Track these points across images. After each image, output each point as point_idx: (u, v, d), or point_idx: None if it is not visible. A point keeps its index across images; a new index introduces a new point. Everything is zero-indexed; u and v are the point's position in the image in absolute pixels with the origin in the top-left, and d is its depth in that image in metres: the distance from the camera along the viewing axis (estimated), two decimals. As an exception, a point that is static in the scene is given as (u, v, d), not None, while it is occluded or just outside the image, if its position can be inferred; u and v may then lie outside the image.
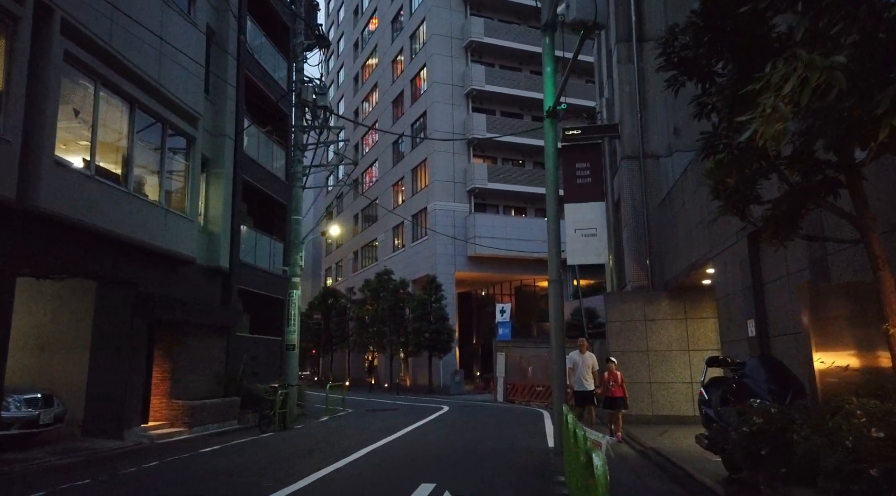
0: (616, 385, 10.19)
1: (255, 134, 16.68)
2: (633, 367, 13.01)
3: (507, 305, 25.65)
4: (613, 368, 10.40)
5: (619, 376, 10.36)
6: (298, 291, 14.65)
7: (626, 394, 10.41)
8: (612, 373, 10.32)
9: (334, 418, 15.01)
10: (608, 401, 10.29)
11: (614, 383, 10.21)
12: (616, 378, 10.26)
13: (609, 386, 10.21)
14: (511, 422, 13.51)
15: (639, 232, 13.92)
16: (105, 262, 10.23)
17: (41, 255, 8.94)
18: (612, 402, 10.24)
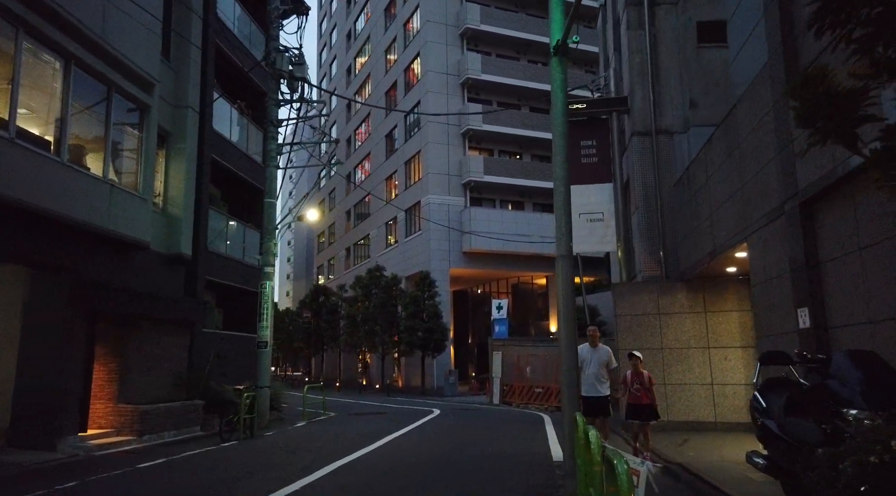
0: (643, 388, 7.94)
1: (227, 111, 15.20)
2: (647, 367, 11.52)
3: (503, 301, 24.18)
4: (640, 366, 8.14)
5: (647, 376, 8.13)
6: (272, 283, 13.18)
7: (655, 400, 8.10)
8: (636, 373, 8.07)
9: (313, 423, 13.54)
10: (632, 411, 7.97)
11: (640, 386, 7.95)
12: (643, 379, 8.03)
13: (633, 389, 7.97)
14: (508, 429, 12.04)
15: (650, 216, 12.49)
16: (39, 245, 8.75)
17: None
18: (637, 412, 7.91)
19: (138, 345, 10.88)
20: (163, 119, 11.74)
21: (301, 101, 13.60)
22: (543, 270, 36.19)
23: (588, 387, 7.81)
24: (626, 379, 8.17)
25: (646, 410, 7.90)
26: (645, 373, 8.18)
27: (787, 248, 6.66)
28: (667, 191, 12.42)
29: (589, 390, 7.83)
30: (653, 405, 7.97)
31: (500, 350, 21.86)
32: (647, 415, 7.91)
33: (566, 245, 5.75)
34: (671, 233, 12.25)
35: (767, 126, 7.06)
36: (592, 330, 8.11)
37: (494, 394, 21.76)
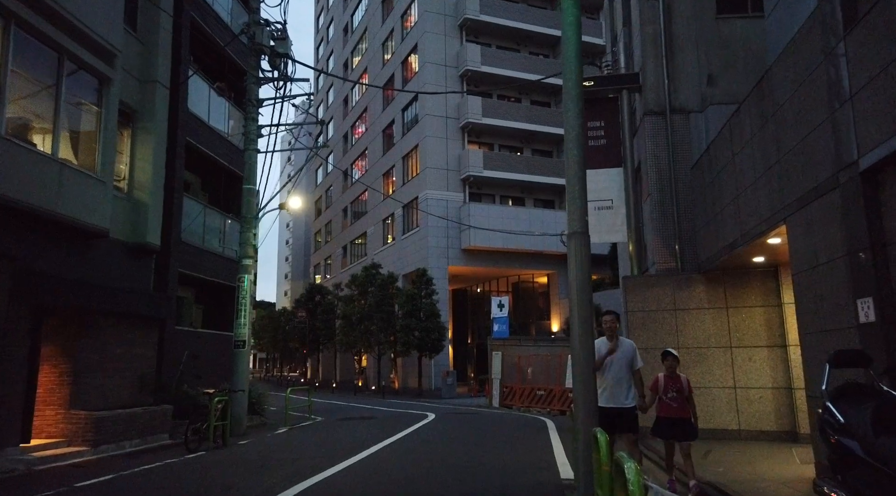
0: (680, 397, 6.19)
1: (205, 92, 14.10)
2: (660, 368, 10.44)
3: (504, 298, 23.04)
4: (675, 367, 6.39)
5: (686, 382, 6.34)
6: (251, 276, 12.08)
7: (696, 412, 6.38)
8: (672, 378, 6.31)
9: (295, 429, 12.43)
10: (665, 426, 6.17)
11: (677, 395, 6.19)
12: (680, 385, 6.25)
13: (667, 399, 6.18)
14: (507, 437, 10.93)
15: (664, 203, 11.38)
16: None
17: None
18: (672, 428, 6.12)
19: (96, 344, 9.78)
20: (128, 95, 10.64)
21: (284, 80, 12.50)
22: (545, 268, 35.09)
23: (608, 395, 5.75)
24: (656, 384, 6.34)
25: (683, 426, 6.11)
26: (682, 378, 6.38)
27: (843, 228, 5.56)
28: (683, 175, 11.31)
29: (609, 399, 5.75)
30: (693, 420, 6.22)
31: (499, 350, 20.75)
32: (685, 432, 6.11)
33: (580, 219, 4.66)
34: (688, 221, 11.14)
35: (816, 82, 5.96)
36: (610, 319, 5.83)
37: (494, 397, 20.66)
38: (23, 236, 8.39)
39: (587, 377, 4.66)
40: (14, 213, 8.09)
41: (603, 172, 12.08)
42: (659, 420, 6.27)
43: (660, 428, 6.27)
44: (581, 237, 4.72)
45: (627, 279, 11.22)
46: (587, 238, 4.77)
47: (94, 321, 9.74)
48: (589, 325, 4.78)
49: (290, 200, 13.17)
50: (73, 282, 9.07)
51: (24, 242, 8.42)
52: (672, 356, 6.52)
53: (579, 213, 4.72)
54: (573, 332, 4.84)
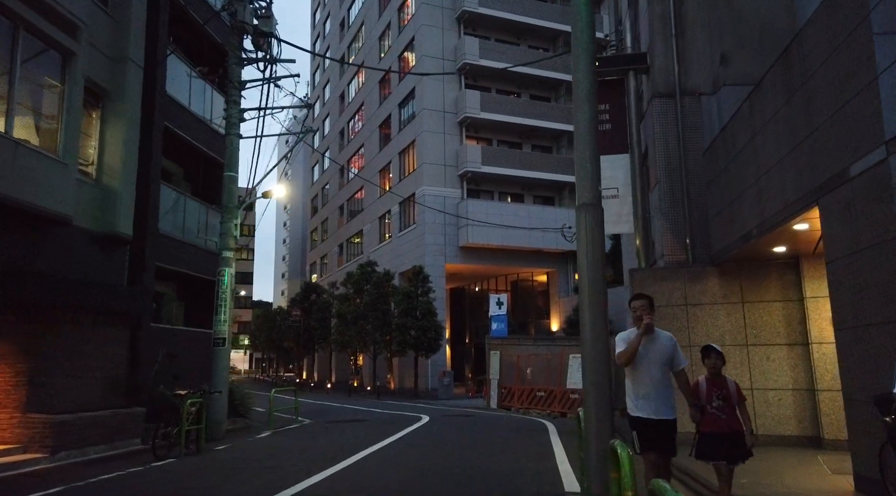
0: (728, 406, 4.78)
1: (186, 76, 13.33)
2: (671, 368, 9.71)
3: (503, 296, 22.28)
4: (720, 367, 4.99)
5: (735, 386, 4.95)
6: (232, 270, 11.31)
7: (750, 425, 4.91)
8: (715, 382, 4.91)
9: (279, 433, 11.66)
10: (714, 444, 4.69)
11: (724, 403, 4.79)
12: (726, 390, 4.86)
13: (712, 408, 4.77)
14: (506, 442, 10.16)
15: (674, 191, 10.62)
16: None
17: None
18: (723, 446, 4.67)
19: (61, 341, 9.00)
20: (97, 72, 9.86)
21: (268, 61, 11.73)
22: (544, 266, 34.36)
23: (642, 402, 4.46)
24: (696, 390, 4.93)
25: (735, 444, 4.69)
26: (730, 381, 4.97)
27: (893, 207, 4.81)
28: (694, 161, 10.56)
29: (645, 407, 4.45)
30: (744, 434, 4.78)
31: (498, 349, 19.99)
32: (737, 451, 4.72)
33: (592, 189, 3.89)
34: (699, 210, 10.39)
35: (859, 41, 5.21)
36: (640, 304, 4.53)
37: (492, 398, 19.90)
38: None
39: (599, 376, 3.89)
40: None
41: (608, 159, 11.32)
42: (703, 437, 4.75)
43: (704, 447, 4.74)
44: (592, 210, 3.96)
45: (635, 272, 10.46)
46: (599, 212, 4.00)
47: (58, 317, 8.97)
48: (601, 313, 4.01)
49: (274, 189, 12.39)
50: (31, 274, 8.30)
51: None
52: (715, 353, 5.05)
53: (590, 182, 3.97)
54: (583, 321, 4.08)
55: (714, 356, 5.08)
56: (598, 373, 3.89)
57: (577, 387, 16.49)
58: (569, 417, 16.13)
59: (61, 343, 9.03)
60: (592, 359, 3.93)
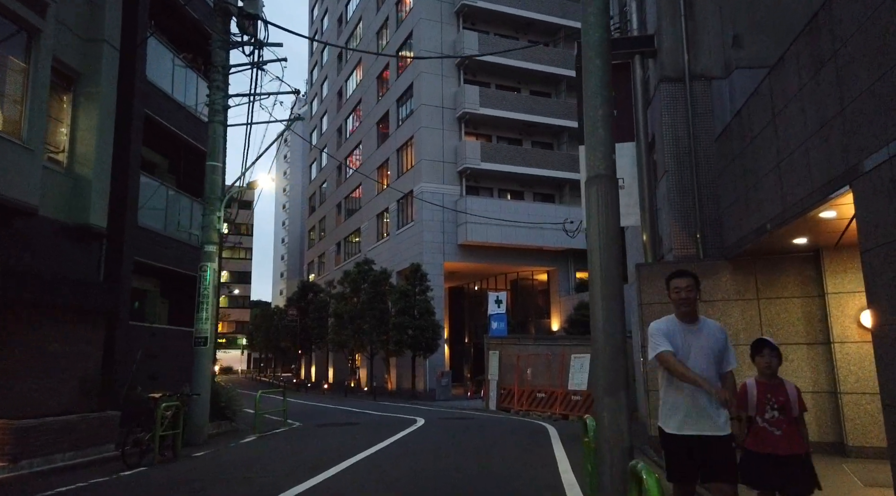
0: (786, 418, 3.74)
1: (170, 61, 12.71)
2: (681, 369, 9.10)
3: (502, 294, 21.63)
4: (776, 367, 3.98)
5: (794, 392, 3.90)
6: (215, 265, 10.68)
7: (808, 446, 3.90)
8: (769, 385, 3.89)
9: (266, 437, 11.03)
10: (766, 467, 3.68)
11: (780, 413, 3.75)
12: (785, 397, 3.82)
13: (764, 421, 3.76)
14: (504, 449, 9.53)
15: (683, 181, 9.99)
16: None
17: None
18: (779, 472, 3.65)
19: (26, 341, 8.38)
20: (68, 53, 9.24)
21: (254, 45, 11.10)
22: (545, 265, 33.73)
23: (684, 413, 3.44)
24: (744, 396, 3.89)
25: (795, 469, 3.65)
26: (789, 386, 3.92)
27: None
28: (704, 148, 9.93)
29: (688, 421, 3.42)
30: (808, 455, 3.79)
31: (497, 349, 19.36)
32: (799, 479, 3.65)
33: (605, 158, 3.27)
34: (710, 200, 9.77)
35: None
36: (685, 283, 3.64)
37: (491, 399, 19.27)
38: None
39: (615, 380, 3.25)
40: None
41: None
42: (750, 457, 3.74)
43: (751, 469, 3.72)
44: (606, 183, 3.31)
45: (642, 267, 9.82)
46: (614, 186, 3.36)
47: (23, 314, 8.34)
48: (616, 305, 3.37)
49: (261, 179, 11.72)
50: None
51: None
52: (769, 348, 4.00)
53: (603, 149, 3.33)
54: (594, 315, 3.45)
55: (768, 353, 3.97)
56: (614, 377, 3.25)
57: (579, 388, 15.87)
58: (571, 420, 15.50)
59: (27, 342, 8.41)
60: (607, 361, 3.29)
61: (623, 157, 10.68)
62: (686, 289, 3.58)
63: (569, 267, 33.76)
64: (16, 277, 8.00)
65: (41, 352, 8.61)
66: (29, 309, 8.38)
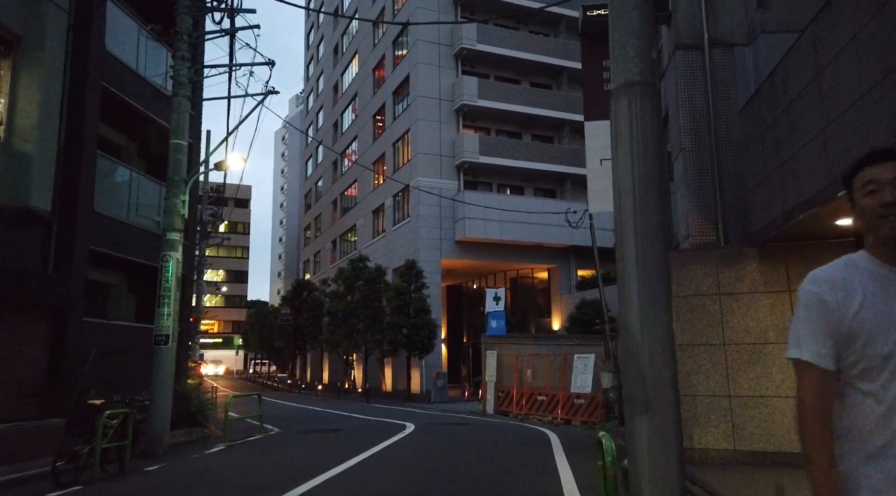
0: None
1: (134, 33, 11.60)
2: (701, 370, 8.00)
3: (500, 290, 20.51)
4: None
5: None
6: (178, 254, 9.58)
7: None
8: None
9: (235, 447, 9.93)
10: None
11: None
12: None
13: None
14: (500, 461, 8.42)
15: (702, 159, 8.90)
16: None
17: None
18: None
19: (-52, 337, 7.27)
20: (5, 14, 8.13)
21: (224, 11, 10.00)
22: (545, 262, 32.60)
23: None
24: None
25: None
26: None
27: None
28: (725, 122, 8.84)
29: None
30: None
31: (495, 349, 18.25)
32: None
33: (642, 58, 2.18)
34: (733, 180, 8.67)
35: None
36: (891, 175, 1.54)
37: (488, 402, 18.16)
38: None
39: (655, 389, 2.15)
40: None
41: (622, 123, 9.58)
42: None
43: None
44: (643, 92, 2.22)
45: (656, 256, 8.72)
46: (654, 95, 2.26)
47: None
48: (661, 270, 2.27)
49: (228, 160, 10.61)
50: None
51: None
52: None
53: (638, 45, 2.22)
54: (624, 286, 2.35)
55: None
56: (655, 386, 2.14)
57: (582, 391, 14.77)
58: (574, 425, 14.41)
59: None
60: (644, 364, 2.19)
61: (633, 134, 9.59)
62: (891, 182, 1.56)
63: (570, 264, 32.65)
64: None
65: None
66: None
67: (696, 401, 7.98)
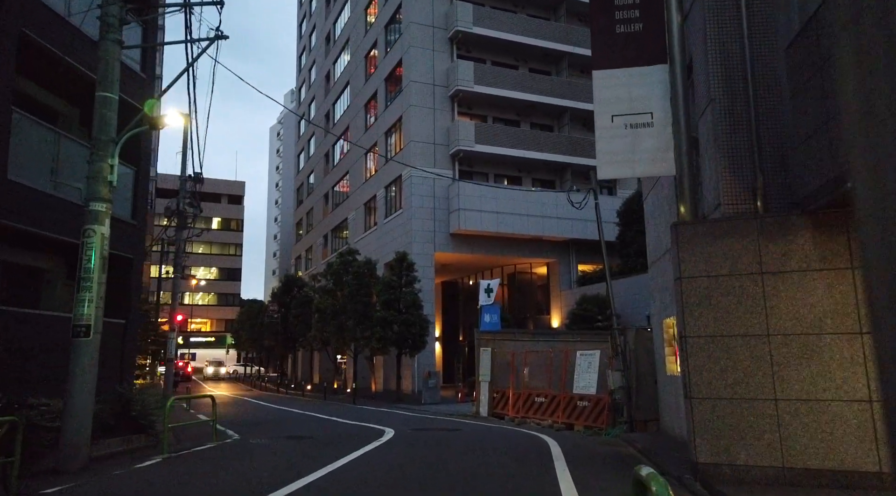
0: None
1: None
2: (740, 367, 6.42)
3: (494, 282, 18.89)
4: None
5: None
6: (104, 229, 7.98)
7: None
8: None
9: (175, 459, 8.33)
10: None
11: None
12: None
13: None
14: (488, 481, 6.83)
15: (736, 112, 7.32)
16: None
17: None
18: None
19: None
20: None
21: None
22: (544, 257, 31.03)
23: None
24: None
25: None
26: None
27: None
28: (765, 67, 7.26)
29: None
30: None
31: (489, 346, 16.66)
32: None
33: None
34: (774, 135, 7.10)
35: None
36: None
37: (481, 404, 16.58)
38: None
39: None
40: None
41: (638, 72, 8.02)
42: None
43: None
44: None
45: (682, 228, 7.12)
46: None
47: None
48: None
49: (165, 117, 8.95)
50: None
51: None
52: None
53: None
54: None
55: None
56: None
57: (586, 392, 13.19)
58: (576, 430, 12.83)
59: None
60: None
61: (651, 84, 8.01)
62: None
63: (570, 258, 31.09)
64: None
65: None
66: None
67: (733, 405, 6.40)
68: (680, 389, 9.56)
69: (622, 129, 7.84)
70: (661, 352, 10.75)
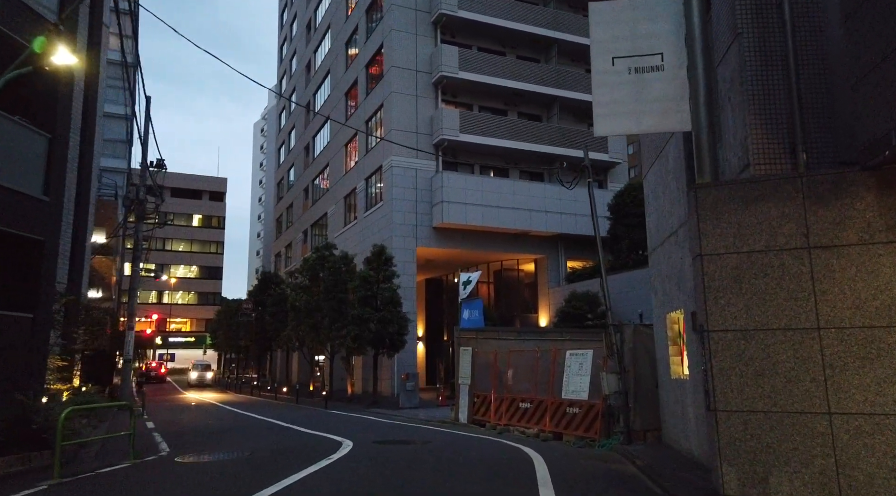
0: None
1: None
2: (781, 371, 4.90)
3: (474, 274, 17.28)
4: None
5: None
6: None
7: None
8: None
9: (67, 485, 6.68)
10: None
11: None
12: None
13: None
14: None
15: (768, 48, 5.80)
16: None
17: None
18: None
19: None
20: None
21: None
22: (531, 252, 29.53)
23: None
24: None
25: None
26: None
27: None
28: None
29: None
30: None
31: (470, 345, 15.08)
32: None
33: None
34: (817, 76, 5.59)
35: None
36: None
37: (461, 409, 14.99)
38: None
39: None
40: None
41: (643, 3, 6.47)
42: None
43: None
44: None
45: (704, 192, 5.57)
46: None
47: None
48: None
49: (58, 54, 7.23)
50: None
51: None
52: None
53: None
54: None
55: None
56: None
57: (577, 396, 11.66)
58: (566, 441, 11.29)
59: None
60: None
61: (662, 19, 6.43)
62: None
63: (559, 254, 29.64)
64: None
65: None
66: None
67: (772, 420, 4.87)
68: (687, 395, 8.03)
69: (625, 74, 6.30)
70: (664, 351, 9.23)
